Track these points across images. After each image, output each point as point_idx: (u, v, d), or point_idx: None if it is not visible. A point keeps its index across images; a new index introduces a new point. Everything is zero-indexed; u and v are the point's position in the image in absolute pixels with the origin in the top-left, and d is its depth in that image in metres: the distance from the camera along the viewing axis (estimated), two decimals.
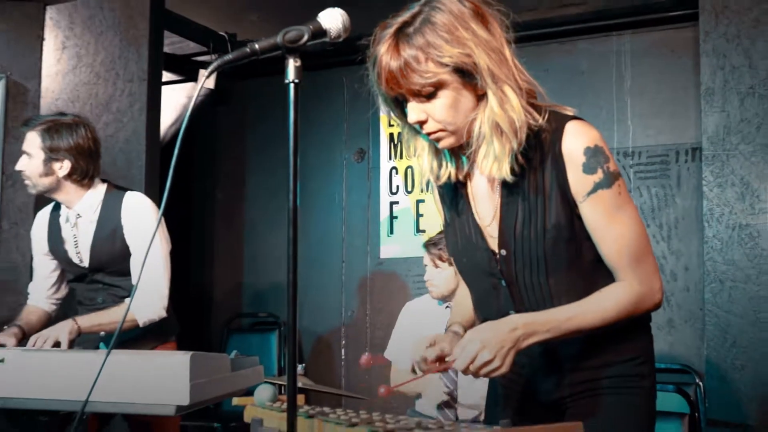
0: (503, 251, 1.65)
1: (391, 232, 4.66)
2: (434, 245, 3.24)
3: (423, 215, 4.56)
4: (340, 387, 4.64)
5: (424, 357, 1.64)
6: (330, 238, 4.83)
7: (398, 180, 4.66)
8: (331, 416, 1.48)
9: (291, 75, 1.39)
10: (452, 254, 1.81)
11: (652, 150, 4.03)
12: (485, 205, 1.69)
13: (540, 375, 1.74)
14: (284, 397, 1.63)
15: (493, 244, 1.67)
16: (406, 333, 3.43)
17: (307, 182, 4.77)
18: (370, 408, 1.60)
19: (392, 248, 4.66)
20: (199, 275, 5.25)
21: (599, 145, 1.58)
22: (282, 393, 1.76)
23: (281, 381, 2.66)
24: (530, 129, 1.57)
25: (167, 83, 4.91)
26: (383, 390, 1.57)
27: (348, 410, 1.54)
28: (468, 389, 3.09)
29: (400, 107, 1.64)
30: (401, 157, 4.63)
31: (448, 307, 3.25)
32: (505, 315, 1.66)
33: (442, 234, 3.22)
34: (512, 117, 1.53)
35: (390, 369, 3.47)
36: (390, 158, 4.68)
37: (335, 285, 4.80)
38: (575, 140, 1.58)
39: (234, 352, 2.44)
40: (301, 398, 1.79)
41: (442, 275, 3.22)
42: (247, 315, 5.07)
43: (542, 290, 1.64)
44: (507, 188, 1.63)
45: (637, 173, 4.04)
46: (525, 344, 1.54)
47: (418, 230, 4.55)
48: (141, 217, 2.84)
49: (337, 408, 1.59)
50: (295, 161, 1.37)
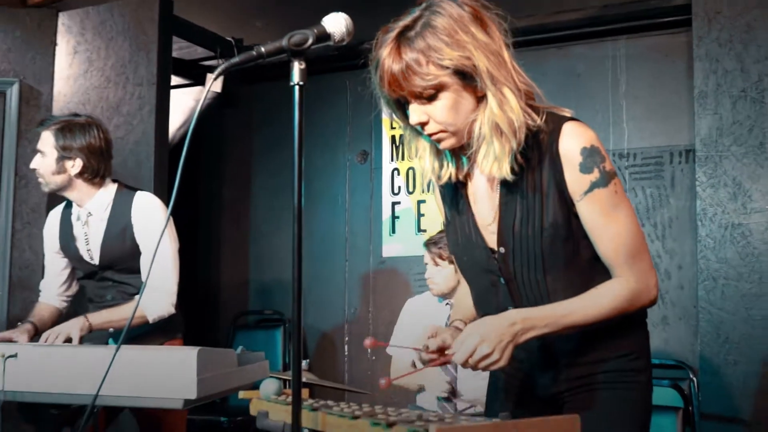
0: (502, 249, 1.65)
1: (393, 232, 4.66)
2: (434, 244, 3.24)
3: (424, 215, 4.56)
4: (344, 382, 4.63)
5: (426, 345, 1.64)
6: (333, 238, 4.83)
7: (400, 181, 4.65)
8: (335, 409, 1.48)
9: (296, 77, 1.39)
10: (453, 252, 1.81)
11: (647, 152, 4.02)
12: (485, 204, 1.68)
13: (538, 370, 1.74)
14: (289, 391, 1.63)
15: (492, 242, 1.67)
16: (408, 329, 3.43)
17: (311, 183, 4.77)
18: (373, 402, 1.59)
19: (394, 247, 4.65)
20: (206, 273, 5.25)
21: (595, 145, 1.58)
22: (287, 387, 1.76)
23: (286, 376, 2.66)
24: (529, 129, 1.57)
25: (175, 87, 4.91)
26: (384, 381, 1.57)
27: (351, 403, 1.54)
28: (468, 384, 3.09)
29: (402, 109, 1.64)
30: (403, 159, 4.63)
31: (448, 305, 3.25)
32: (504, 311, 1.66)
33: (443, 233, 3.24)
34: (511, 118, 1.53)
35: (390, 363, 3.47)
36: (392, 160, 4.68)
37: (339, 283, 4.80)
38: (572, 140, 1.58)
39: (240, 348, 2.44)
40: (306, 392, 1.79)
41: (442, 273, 3.22)
42: (253, 312, 5.07)
43: (540, 287, 1.64)
44: (506, 187, 1.63)
45: (632, 174, 4.04)
46: (523, 339, 1.54)
47: (420, 230, 4.55)
48: (150, 216, 2.84)
49: (341, 402, 1.58)
50: (300, 161, 1.37)
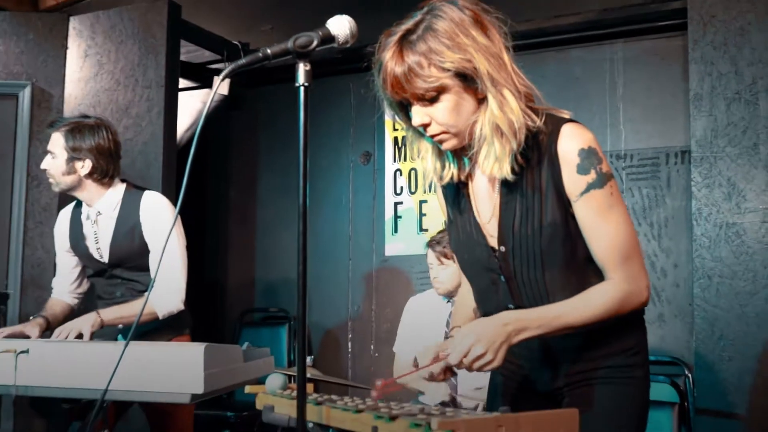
0: (502, 248, 1.65)
1: (396, 231, 4.65)
2: (438, 243, 3.22)
3: (426, 215, 4.56)
4: (347, 378, 4.63)
5: (431, 373, 1.61)
6: (337, 237, 4.82)
7: (402, 181, 4.65)
8: (339, 403, 1.48)
9: (301, 78, 1.39)
10: (454, 250, 1.81)
11: (644, 153, 4.01)
12: (485, 204, 1.68)
13: (538, 366, 1.73)
14: (294, 386, 1.62)
15: (493, 241, 1.67)
16: (410, 327, 3.42)
17: (316, 183, 4.77)
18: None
19: (396, 246, 4.65)
20: (213, 271, 5.25)
21: (593, 147, 1.57)
22: (292, 382, 1.76)
23: (291, 372, 2.66)
24: (528, 130, 1.56)
25: (183, 90, 4.91)
26: (379, 385, 1.54)
27: (355, 398, 1.54)
28: (468, 379, 3.08)
29: (405, 111, 1.63)
30: (405, 160, 4.63)
31: (450, 302, 3.24)
32: (505, 309, 1.66)
33: (443, 233, 3.23)
34: (511, 119, 1.53)
35: (393, 360, 3.46)
36: (394, 160, 4.67)
37: (342, 281, 4.80)
38: (570, 142, 1.57)
39: (246, 344, 2.43)
40: (310, 387, 1.78)
41: (447, 272, 3.20)
42: (259, 310, 5.07)
43: (539, 286, 1.63)
44: (506, 187, 1.63)
45: (629, 175, 4.03)
46: (517, 339, 1.53)
47: (421, 229, 4.55)
48: (158, 215, 2.84)
49: (344, 396, 1.58)
50: (305, 159, 1.37)
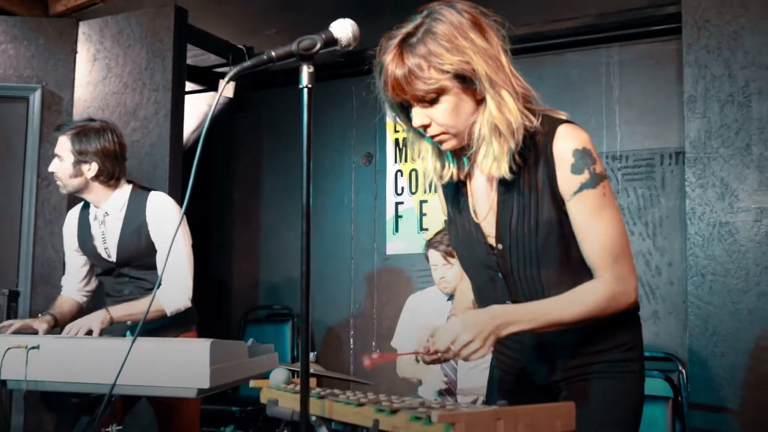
0: (499, 245, 1.65)
1: (397, 231, 4.65)
2: (441, 243, 3.18)
3: (426, 214, 4.56)
4: (349, 374, 4.63)
5: (426, 347, 1.61)
6: (339, 236, 4.82)
7: (403, 182, 4.65)
8: (341, 397, 1.48)
9: (305, 80, 1.39)
10: (455, 248, 1.81)
11: (639, 154, 4.01)
12: (484, 203, 1.68)
13: (535, 361, 1.74)
14: (297, 380, 1.62)
15: (491, 239, 1.67)
16: (410, 323, 3.42)
17: (319, 184, 4.77)
18: (377, 393, 1.59)
19: (397, 245, 4.65)
20: (219, 270, 5.26)
21: (587, 148, 1.57)
22: (295, 377, 1.76)
23: (294, 367, 2.66)
24: (526, 130, 1.57)
25: (190, 93, 4.92)
26: (368, 361, 1.55)
27: (357, 392, 1.54)
28: (467, 377, 3.08)
29: (405, 112, 1.64)
30: (406, 161, 4.63)
31: (449, 300, 3.24)
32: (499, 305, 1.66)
33: (441, 233, 3.23)
34: (509, 119, 1.53)
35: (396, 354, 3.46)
36: (395, 161, 4.68)
37: (344, 280, 4.80)
38: (565, 142, 1.57)
39: (251, 340, 2.43)
40: (313, 382, 1.79)
41: (453, 271, 3.15)
42: (263, 307, 5.07)
43: (534, 283, 1.63)
44: (504, 186, 1.63)
45: (625, 175, 4.03)
46: (505, 332, 1.52)
47: (422, 228, 4.55)
48: (164, 215, 2.84)
49: (347, 390, 1.58)
50: (308, 159, 1.37)
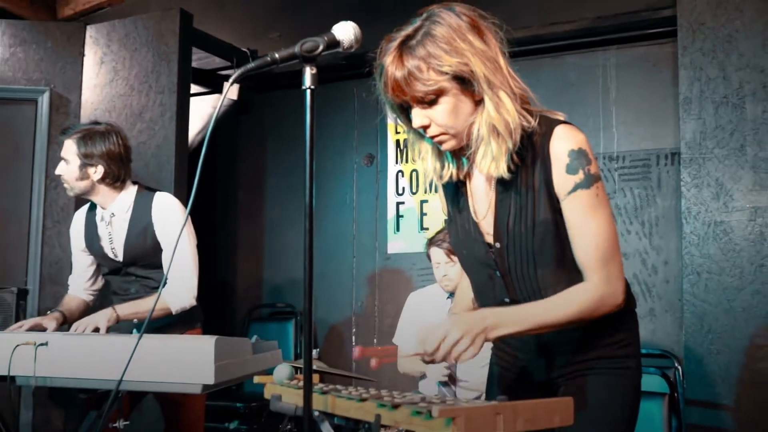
0: (497, 244, 1.65)
1: (398, 230, 4.65)
2: (443, 241, 3.18)
3: (426, 214, 4.56)
4: (351, 371, 4.63)
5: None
6: (342, 236, 4.83)
7: (404, 182, 4.65)
8: (344, 392, 1.48)
9: (308, 81, 1.39)
10: (454, 246, 1.81)
11: (635, 154, 4.01)
12: (482, 202, 1.68)
13: (534, 358, 1.74)
14: (301, 376, 1.63)
15: (489, 238, 1.67)
16: (411, 321, 3.42)
17: (321, 184, 4.77)
18: (379, 389, 1.59)
19: (398, 244, 4.65)
20: (223, 269, 5.26)
21: (583, 149, 1.57)
22: (298, 373, 1.76)
23: (298, 364, 2.66)
24: (524, 131, 1.56)
25: (195, 95, 4.92)
26: (357, 352, 1.55)
27: (359, 387, 1.54)
28: (468, 372, 3.08)
29: (406, 113, 1.64)
30: (407, 161, 4.63)
31: (450, 298, 3.24)
32: (501, 303, 1.66)
33: (441, 232, 3.22)
34: (507, 120, 1.53)
35: (396, 351, 3.46)
36: (396, 162, 4.68)
37: (346, 278, 4.80)
38: (562, 142, 1.57)
39: (255, 337, 2.43)
40: (316, 378, 1.79)
41: (456, 269, 3.13)
42: (267, 305, 5.07)
43: (531, 281, 1.63)
44: (502, 186, 1.63)
45: (622, 176, 4.03)
46: (494, 334, 1.51)
47: (422, 228, 4.55)
48: (169, 216, 2.84)
49: (349, 386, 1.58)
50: (312, 159, 1.37)
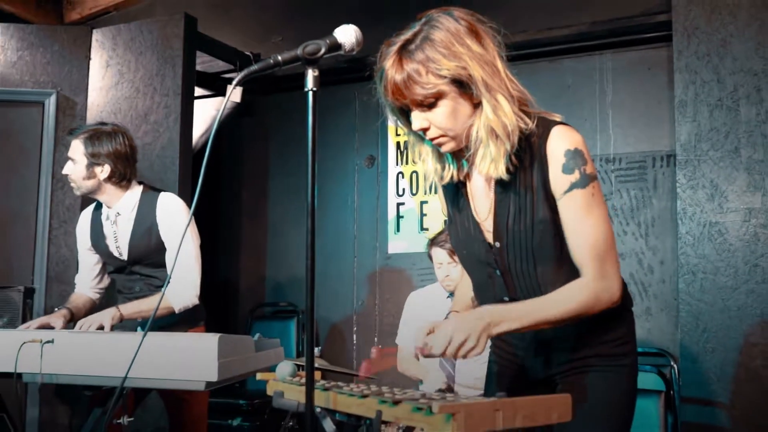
0: (497, 243, 1.65)
1: (398, 230, 4.66)
2: (446, 242, 3.17)
3: (426, 215, 4.56)
4: (352, 368, 4.63)
5: (424, 343, 1.62)
6: (343, 236, 4.83)
7: (404, 183, 4.66)
8: (345, 389, 1.49)
9: (310, 83, 1.39)
10: (454, 246, 1.81)
11: (631, 156, 4.02)
12: (482, 202, 1.69)
13: (532, 355, 1.74)
14: (303, 373, 1.63)
15: (489, 237, 1.67)
16: (411, 320, 3.42)
17: (323, 185, 4.77)
18: (380, 386, 1.59)
19: (399, 244, 4.65)
20: (226, 268, 5.26)
21: (580, 149, 1.58)
22: (300, 371, 1.76)
23: (300, 362, 2.66)
24: (521, 132, 1.57)
25: (199, 98, 4.92)
26: (364, 366, 1.56)
27: (360, 384, 1.55)
28: (466, 372, 3.08)
29: (406, 116, 1.64)
30: (407, 163, 4.63)
31: (450, 298, 3.24)
32: (501, 301, 1.67)
33: (441, 233, 3.22)
34: (505, 122, 1.53)
35: (396, 351, 3.47)
36: (397, 164, 4.68)
37: (348, 278, 4.80)
38: (558, 142, 1.58)
39: (257, 335, 2.43)
40: (318, 375, 1.79)
41: (457, 269, 3.12)
42: (269, 304, 5.07)
43: (531, 279, 1.64)
44: (501, 186, 1.63)
45: (618, 177, 4.03)
46: (495, 331, 1.52)
47: (422, 228, 4.55)
48: (174, 215, 2.84)
49: (350, 383, 1.59)
50: (314, 158, 1.37)
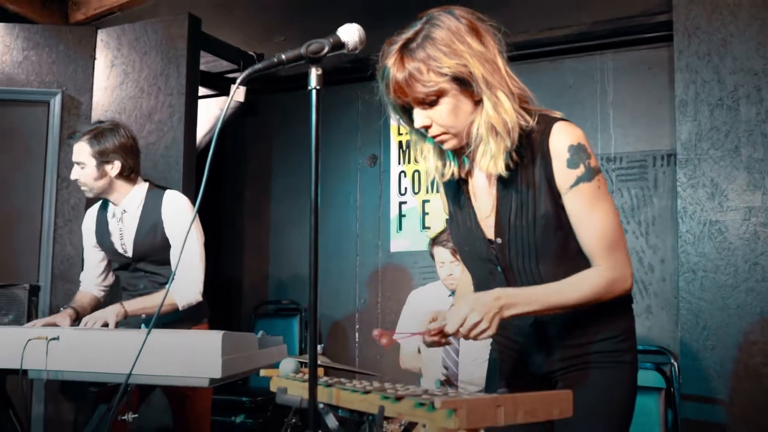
0: (499, 240, 1.65)
1: (400, 229, 4.65)
2: (448, 241, 3.16)
3: (428, 213, 4.56)
4: (354, 366, 4.63)
5: (428, 329, 1.61)
6: (345, 234, 4.82)
7: (406, 182, 4.65)
8: (348, 385, 1.49)
9: (313, 82, 1.39)
10: (455, 243, 1.81)
11: (632, 156, 4.01)
12: (483, 199, 1.69)
13: (533, 351, 1.74)
14: (306, 370, 1.63)
15: (490, 234, 1.67)
16: (412, 319, 3.42)
17: (326, 184, 4.77)
18: (382, 382, 1.58)
19: (401, 243, 4.65)
20: (230, 266, 5.26)
21: (582, 143, 1.58)
22: (303, 368, 1.76)
23: (303, 359, 2.66)
24: (522, 129, 1.57)
25: (203, 97, 4.92)
26: (377, 332, 1.55)
27: (363, 380, 1.54)
28: (468, 367, 3.07)
29: (408, 114, 1.64)
30: (409, 162, 4.63)
31: (451, 296, 3.24)
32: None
33: (445, 232, 3.21)
34: (505, 119, 1.53)
35: (399, 349, 3.47)
36: (399, 163, 4.68)
37: (350, 276, 4.79)
38: (561, 138, 1.58)
39: (261, 332, 2.43)
40: (320, 372, 1.78)
41: (460, 268, 3.12)
42: (272, 302, 5.06)
43: (533, 275, 1.63)
44: (502, 183, 1.63)
45: (619, 176, 4.02)
46: (508, 313, 1.52)
47: (424, 227, 4.55)
48: (179, 213, 2.85)
49: (353, 380, 1.58)
50: (317, 156, 1.37)
